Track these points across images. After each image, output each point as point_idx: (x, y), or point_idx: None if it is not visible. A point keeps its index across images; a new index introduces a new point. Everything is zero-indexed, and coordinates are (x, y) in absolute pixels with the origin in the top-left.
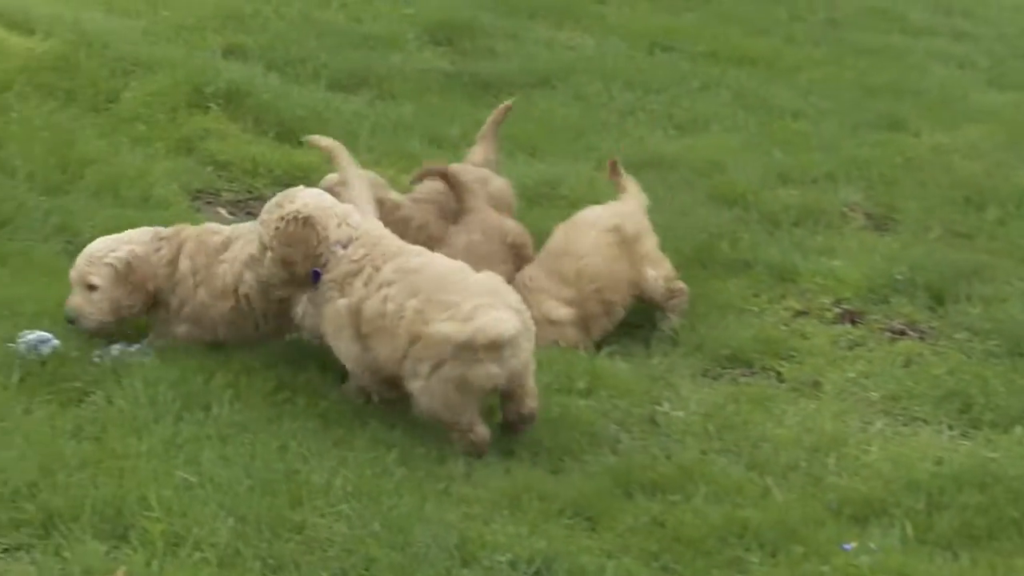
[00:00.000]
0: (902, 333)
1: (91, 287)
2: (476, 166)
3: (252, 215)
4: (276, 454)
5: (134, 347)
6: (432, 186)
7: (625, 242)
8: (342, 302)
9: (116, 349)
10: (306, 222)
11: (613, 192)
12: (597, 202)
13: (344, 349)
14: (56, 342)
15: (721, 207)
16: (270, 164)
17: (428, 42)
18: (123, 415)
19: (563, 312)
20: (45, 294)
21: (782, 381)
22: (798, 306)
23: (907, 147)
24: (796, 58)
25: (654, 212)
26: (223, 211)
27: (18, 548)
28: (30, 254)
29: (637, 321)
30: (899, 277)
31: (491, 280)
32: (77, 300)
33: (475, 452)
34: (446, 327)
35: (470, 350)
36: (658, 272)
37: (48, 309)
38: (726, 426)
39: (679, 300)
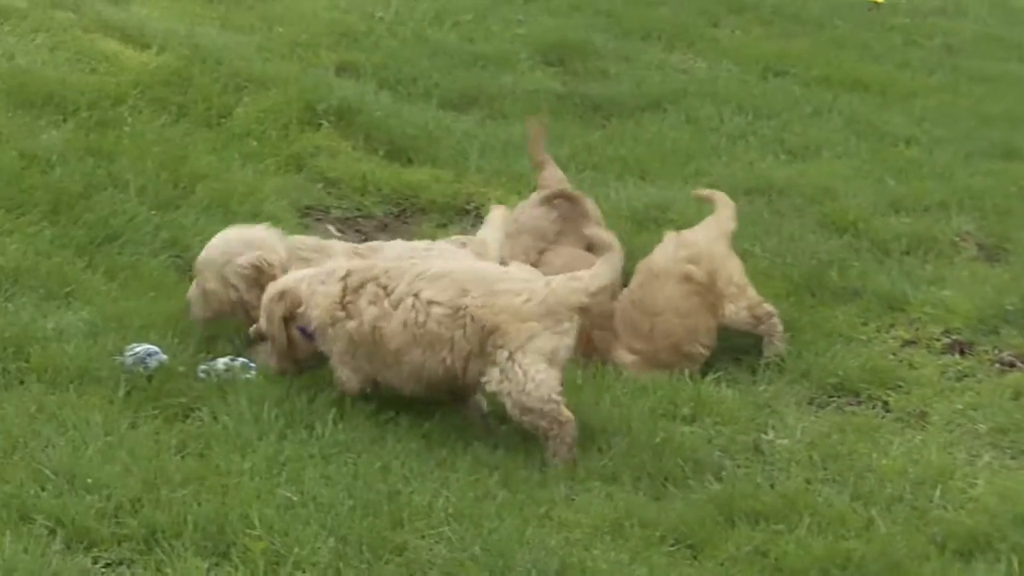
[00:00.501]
0: (1012, 365)
1: None
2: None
3: (360, 232)
4: (378, 475)
5: (239, 361)
6: (526, 211)
7: (699, 290)
8: (351, 324)
9: (222, 363)
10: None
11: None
12: None
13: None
14: (163, 356)
15: (831, 234)
16: (379, 182)
17: (540, 62)
18: (227, 432)
19: (629, 359)
20: (153, 308)
21: (889, 411)
22: (907, 335)
23: (1021, 177)
24: (910, 85)
25: (763, 238)
26: (332, 228)
27: (120, 563)
28: (139, 268)
29: (744, 347)
30: (1010, 308)
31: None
32: None
33: (568, 439)
34: (566, 286)
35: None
36: (738, 304)
37: (156, 323)
38: (831, 456)
39: (768, 324)
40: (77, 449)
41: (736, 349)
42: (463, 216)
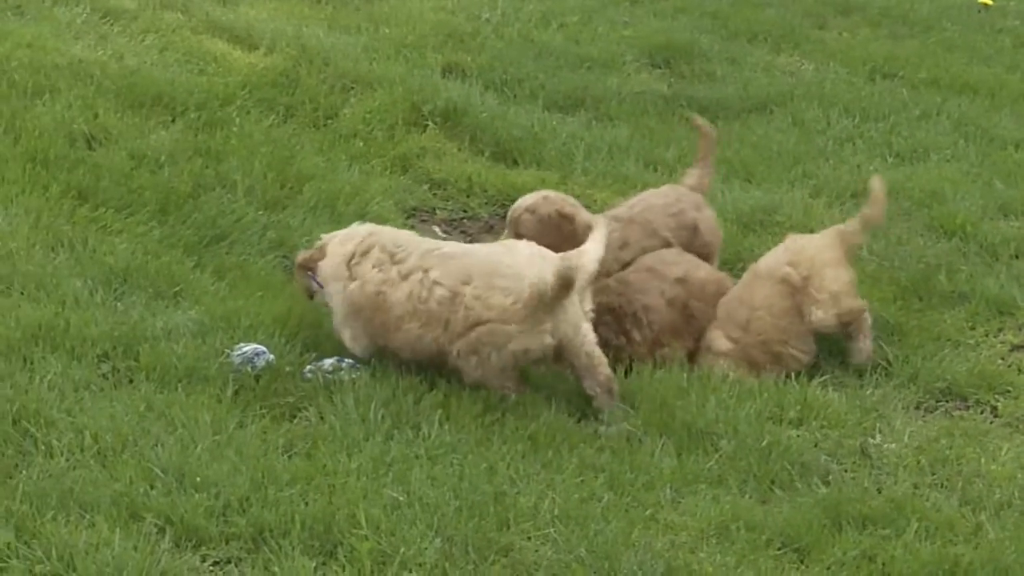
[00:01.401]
0: None
1: None
2: (691, 189)
3: (466, 234)
4: (484, 476)
5: (346, 362)
6: (643, 203)
7: (794, 292)
8: (352, 286)
9: (328, 363)
10: None
11: (830, 219)
12: (812, 230)
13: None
14: (270, 356)
15: (939, 238)
16: (485, 184)
17: (646, 64)
18: (334, 432)
19: (723, 345)
20: (260, 308)
21: (997, 416)
22: (1016, 340)
23: None
24: (1020, 87)
25: (871, 242)
26: (437, 229)
27: (228, 561)
28: (247, 268)
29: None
30: None
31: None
32: None
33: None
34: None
35: None
36: (825, 311)
37: (264, 322)
38: (939, 460)
39: (857, 323)
40: (186, 448)
41: (843, 352)
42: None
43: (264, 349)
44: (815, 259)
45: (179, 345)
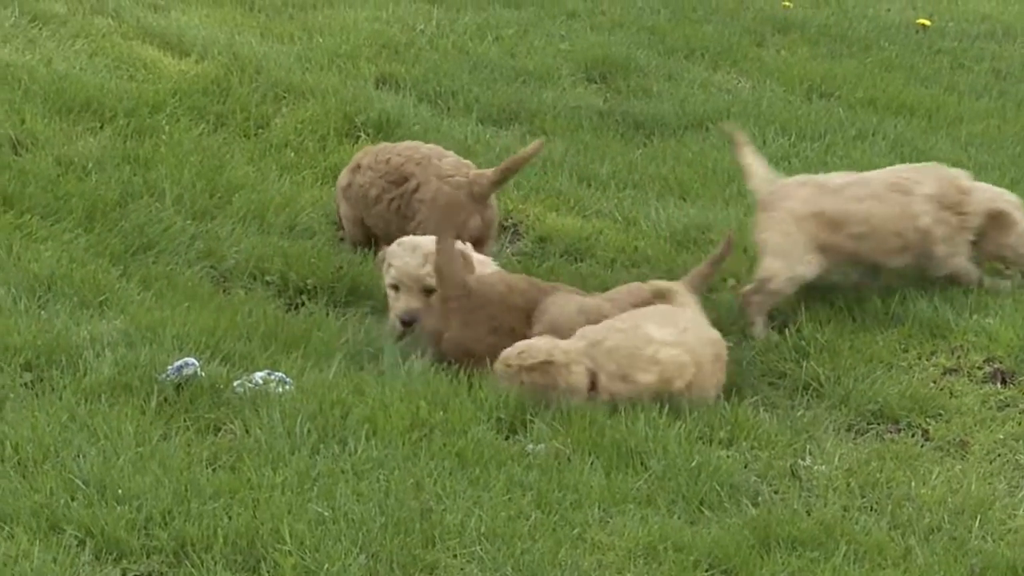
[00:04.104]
0: None
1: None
2: None
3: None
4: (411, 492)
5: (275, 376)
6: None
7: None
8: None
9: (259, 377)
10: None
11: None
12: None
13: None
14: (196, 367)
15: None
16: None
17: (582, 79)
18: (259, 446)
19: None
20: (187, 318)
21: (928, 440)
22: (948, 363)
23: None
24: (957, 109)
25: None
26: None
27: (149, 575)
28: (174, 278)
29: (781, 371)
30: None
31: None
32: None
33: None
34: None
35: None
36: None
37: (190, 333)
38: (869, 483)
39: None
40: (108, 459)
41: (773, 372)
42: (501, 233)
43: (194, 361)
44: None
45: (103, 355)
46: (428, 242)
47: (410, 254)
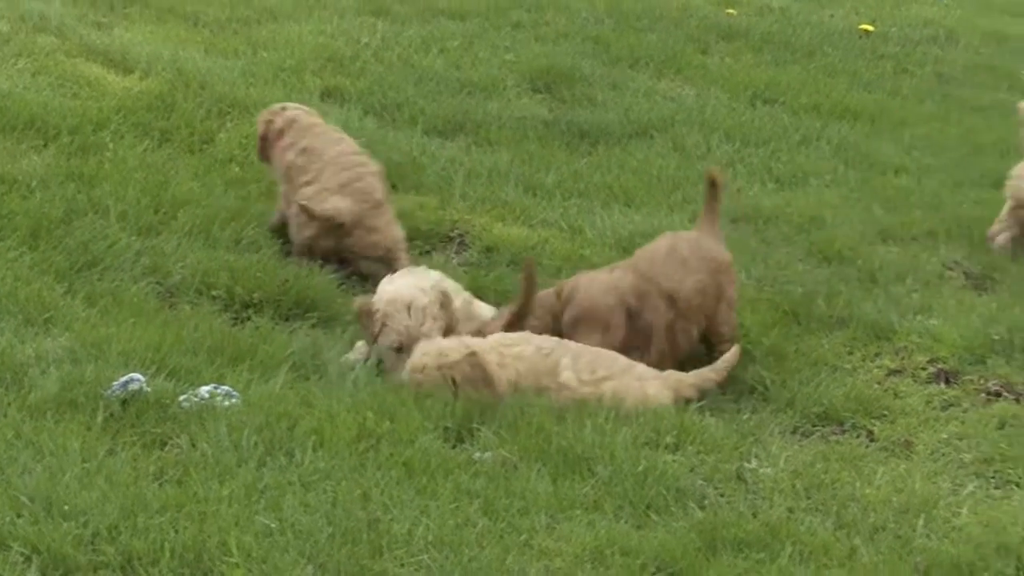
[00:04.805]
0: (998, 395)
1: None
2: None
3: (345, 261)
4: (358, 502)
5: (221, 389)
6: None
7: None
8: None
9: (205, 391)
10: None
11: None
12: None
13: None
14: (142, 382)
15: (819, 263)
16: None
17: (527, 89)
18: (206, 459)
19: None
20: (133, 335)
21: (873, 440)
22: (893, 365)
23: None
24: (900, 113)
25: (751, 266)
26: None
27: None
28: (119, 294)
29: (728, 375)
30: (996, 338)
31: None
32: None
33: None
34: None
35: None
36: None
37: (136, 350)
38: (815, 485)
39: None
40: (54, 475)
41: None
42: (447, 243)
43: (139, 377)
44: None
45: (49, 372)
46: (418, 294)
47: (407, 315)
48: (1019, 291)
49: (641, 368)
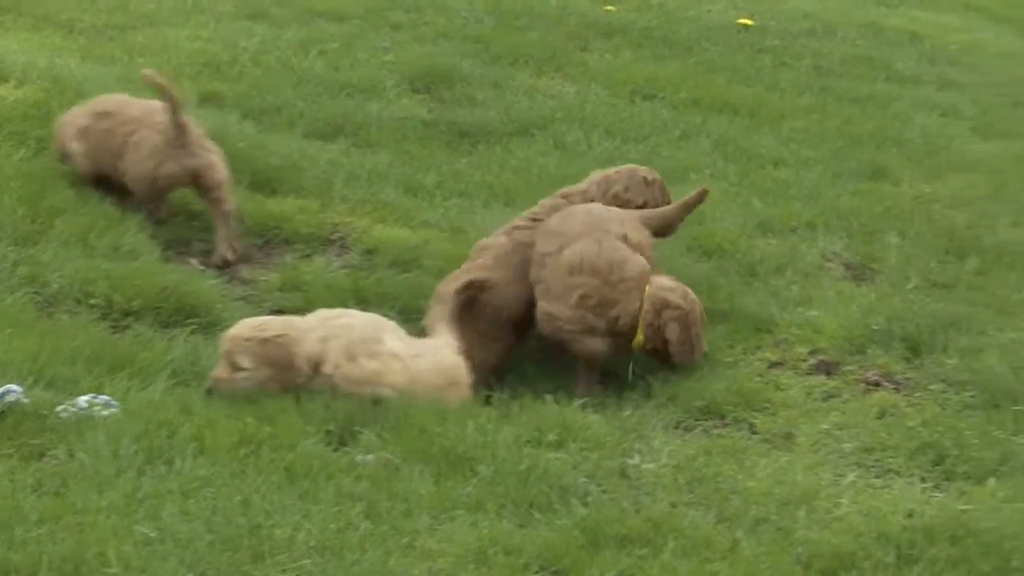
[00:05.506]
0: (877, 384)
1: None
2: None
3: (225, 264)
4: (239, 508)
5: (100, 399)
6: None
7: None
8: None
9: (83, 401)
10: None
11: None
12: None
13: None
14: (19, 393)
15: (699, 257)
16: (243, 214)
17: (407, 90)
18: (84, 469)
19: None
20: (10, 345)
21: (755, 433)
22: (773, 357)
23: (888, 197)
24: (779, 106)
25: None
26: (194, 261)
27: None
28: None
29: (609, 371)
30: (876, 328)
31: None
32: None
33: None
34: None
35: None
36: None
37: (13, 360)
38: (697, 479)
39: None
40: None
41: (602, 373)
42: (328, 246)
43: (16, 388)
44: None
45: None
46: None
47: None
48: (897, 281)
49: None
